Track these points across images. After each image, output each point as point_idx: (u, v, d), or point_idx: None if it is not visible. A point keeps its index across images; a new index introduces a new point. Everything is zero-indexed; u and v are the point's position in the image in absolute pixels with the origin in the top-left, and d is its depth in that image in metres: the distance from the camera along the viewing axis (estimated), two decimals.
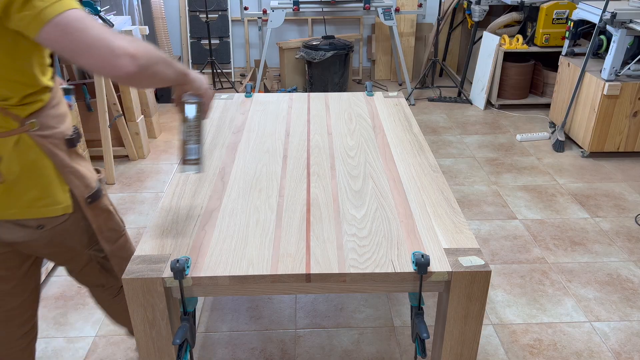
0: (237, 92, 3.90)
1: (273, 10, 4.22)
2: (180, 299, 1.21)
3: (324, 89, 4.48)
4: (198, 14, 4.84)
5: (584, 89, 3.44)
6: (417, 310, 1.27)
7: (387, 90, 4.83)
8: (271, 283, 1.19)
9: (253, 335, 2.02)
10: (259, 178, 1.59)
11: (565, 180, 3.18)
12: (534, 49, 4.11)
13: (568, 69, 3.65)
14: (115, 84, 3.40)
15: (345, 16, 4.99)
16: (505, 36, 4.14)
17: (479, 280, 1.19)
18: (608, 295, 2.22)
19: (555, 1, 3.95)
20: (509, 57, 4.25)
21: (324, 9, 4.33)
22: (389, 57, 5.08)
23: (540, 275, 2.34)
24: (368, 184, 1.55)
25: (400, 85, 5.00)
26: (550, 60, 4.37)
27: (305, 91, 4.72)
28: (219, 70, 4.83)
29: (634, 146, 3.38)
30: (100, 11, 2.97)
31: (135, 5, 4.15)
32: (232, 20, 4.92)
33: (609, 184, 3.13)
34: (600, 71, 3.32)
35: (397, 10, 4.56)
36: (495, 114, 4.24)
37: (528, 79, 4.30)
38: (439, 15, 4.46)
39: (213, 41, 4.93)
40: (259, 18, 4.90)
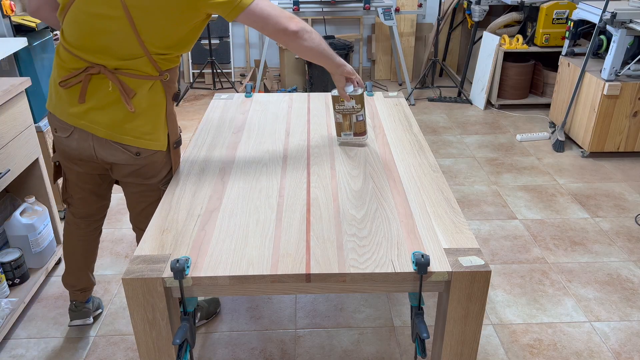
0: (237, 92, 3.90)
1: None
2: (180, 299, 1.21)
3: (324, 89, 4.48)
4: None
5: (584, 89, 3.44)
6: (417, 310, 1.27)
7: (387, 90, 4.84)
8: (271, 283, 1.19)
9: (253, 335, 2.02)
10: (259, 178, 1.59)
11: (565, 180, 3.18)
12: (534, 49, 4.11)
13: (568, 69, 3.65)
14: None
15: (345, 16, 4.99)
16: (505, 36, 4.14)
17: (479, 280, 1.19)
18: (608, 295, 2.22)
19: (555, 1, 3.95)
20: (509, 57, 4.25)
21: (324, 9, 4.33)
22: (389, 57, 5.08)
23: (540, 275, 2.34)
24: (368, 184, 1.55)
25: (400, 85, 5.00)
26: (550, 60, 4.37)
27: (305, 91, 4.72)
28: (219, 70, 4.83)
29: (634, 146, 3.38)
30: None
31: None
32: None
33: (609, 184, 3.13)
34: (600, 71, 3.32)
35: (397, 10, 4.56)
36: (495, 114, 4.24)
37: (528, 79, 4.30)
38: (439, 15, 4.46)
39: (213, 41, 4.93)
40: None
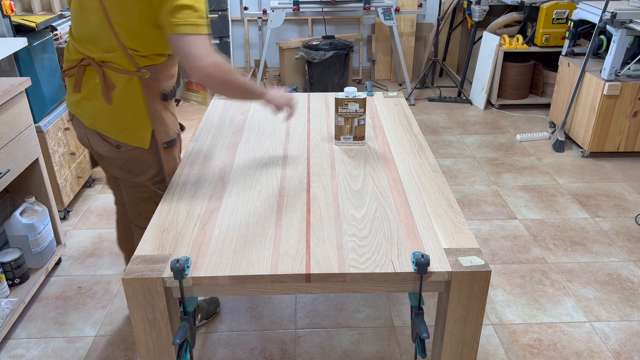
0: None
1: (273, 10, 4.22)
2: (180, 298, 1.21)
3: (324, 89, 4.48)
4: None
5: (584, 89, 3.44)
6: (417, 310, 1.27)
7: (387, 90, 4.84)
8: (271, 283, 1.19)
9: (253, 335, 2.02)
10: (259, 178, 1.59)
11: (565, 180, 3.18)
12: (534, 49, 4.11)
13: (568, 69, 3.65)
14: None
15: (345, 16, 4.99)
16: (505, 36, 4.14)
17: (479, 280, 1.19)
18: (608, 295, 2.22)
19: (555, 1, 3.95)
20: (509, 57, 4.25)
21: (324, 9, 4.33)
22: (389, 57, 5.08)
23: (540, 275, 2.34)
24: (368, 184, 1.55)
25: (400, 85, 5.00)
26: (550, 60, 4.37)
27: (305, 91, 4.72)
28: None
29: (634, 146, 3.38)
30: None
31: None
32: (232, 20, 4.92)
33: (609, 184, 3.13)
34: (600, 71, 3.32)
35: (397, 10, 4.56)
36: (495, 114, 4.24)
37: (528, 79, 4.30)
38: (439, 15, 4.46)
39: (213, 41, 4.93)
40: (259, 18, 4.90)
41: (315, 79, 4.47)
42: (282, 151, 1.77)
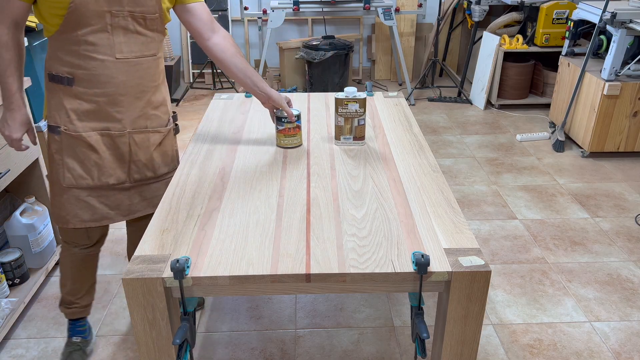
0: (237, 92, 3.90)
1: (273, 10, 4.22)
2: (180, 299, 1.21)
3: (324, 89, 4.48)
4: None
5: (584, 89, 3.44)
6: (417, 310, 1.27)
7: (387, 90, 4.84)
8: (271, 283, 1.19)
9: (253, 335, 2.02)
10: (259, 178, 1.59)
11: (565, 180, 3.18)
12: (534, 49, 4.11)
13: (568, 69, 3.65)
14: None
15: (345, 16, 4.99)
16: (505, 36, 4.14)
17: (479, 280, 1.19)
18: (608, 295, 2.22)
19: (555, 1, 3.95)
20: (509, 57, 4.25)
21: (324, 9, 4.33)
22: (389, 57, 5.08)
23: (540, 275, 2.34)
24: (368, 184, 1.55)
25: (400, 85, 5.00)
26: (550, 60, 4.37)
27: (305, 91, 4.72)
28: (219, 70, 4.83)
29: (634, 146, 3.38)
30: None
31: None
32: (232, 20, 4.92)
33: (609, 184, 3.13)
34: (600, 71, 3.32)
35: (397, 10, 4.56)
36: (495, 114, 4.24)
37: (528, 79, 4.30)
38: (439, 15, 4.46)
39: None
40: (259, 18, 4.90)
41: (315, 79, 4.47)
42: (282, 151, 1.77)
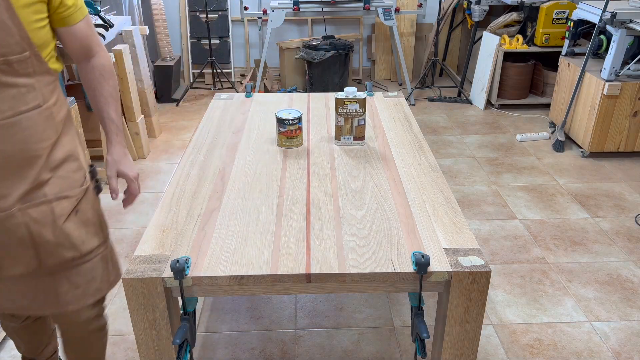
0: (237, 92, 3.90)
1: (273, 10, 4.22)
2: (180, 298, 1.21)
3: (324, 89, 4.48)
4: (198, 14, 4.84)
5: (584, 89, 3.44)
6: (417, 310, 1.27)
7: (387, 90, 4.84)
8: (271, 283, 1.19)
9: (253, 335, 2.02)
10: (259, 178, 1.59)
11: (565, 180, 3.18)
12: (534, 49, 4.11)
13: (568, 69, 3.65)
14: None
15: (345, 16, 4.99)
16: (505, 36, 4.14)
17: (479, 280, 1.19)
18: (608, 295, 2.22)
19: (555, 1, 3.95)
20: (509, 57, 4.25)
21: (324, 9, 4.33)
22: (389, 57, 5.08)
23: (540, 275, 2.34)
24: (368, 184, 1.55)
25: (400, 85, 5.00)
26: (550, 60, 4.37)
27: (305, 91, 4.72)
28: (219, 70, 4.83)
29: (634, 146, 3.38)
30: (100, 11, 2.97)
31: (135, 5, 4.15)
32: (232, 20, 4.92)
33: (609, 184, 3.13)
34: (600, 71, 3.32)
35: (397, 10, 4.56)
36: (495, 114, 4.24)
37: (528, 79, 4.30)
38: (439, 15, 4.46)
39: (213, 41, 4.93)
40: (259, 18, 4.90)
41: (315, 79, 4.47)
42: (282, 151, 1.77)
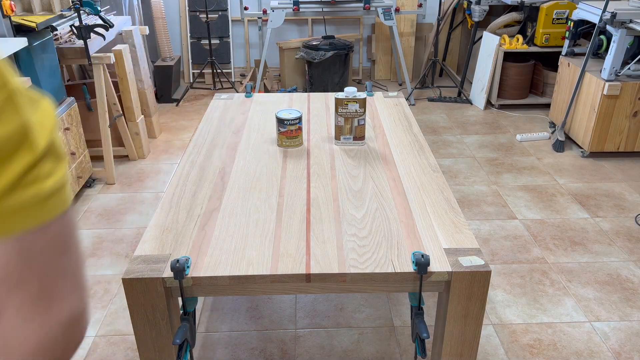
0: (237, 92, 3.90)
1: (273, 10, 4.22)
2: (180, 298, 1.21)
3: (324, 89, 4.48)
4: (198, 14, 4.84)
5: (584, 89, 3.44)
6: (417, 310, 1.27)
7: (387, 90, 4.84)
8: (271, 283, 1.19)
9: (253, 335, 2.02)
10: (259, 178, 1.59)
11: (565, 180, 3.18)
12: (534, 49, 4.11)
13: (568, 69, 3.65)
14: (115, 83, 3.40)
15: (345, 16, 4.99)
16: (505, 36, 4.14)
17: (479, 280, 1.19)
18: (608, 295, 2.22)
19: (555, 1, 3.95)
20: (509, 57, 4.25)
21: (324, 9, 4.33)
22: (389, 57, 5.08)
23: (540, 275, 2.34)
24: (368, 184, 1.55)
25: (400, 85, 5.00)
26: (550, 60, 4.37)
27: (305, 91, 4.72)
28: (219, 70, 4.83)
29: (634, 146, 3.38)
30: (100, 11, 2.97)
31: (135, 5, 4.15)
32: (232, 20, 4.92)
33: (609, 184, 3.13)
34: (600, 71, 3.32)
35: (397, 10, 4.56)
36: (495, 114, 4.24)
37: (528, 79, 4.30)
38: (439, 15, 4.46)
39: (213, 41, 4.93)
40: (259, 18, 4.90)
41: (315, 79, 4.47)
42: (282, 151, 1.77)
